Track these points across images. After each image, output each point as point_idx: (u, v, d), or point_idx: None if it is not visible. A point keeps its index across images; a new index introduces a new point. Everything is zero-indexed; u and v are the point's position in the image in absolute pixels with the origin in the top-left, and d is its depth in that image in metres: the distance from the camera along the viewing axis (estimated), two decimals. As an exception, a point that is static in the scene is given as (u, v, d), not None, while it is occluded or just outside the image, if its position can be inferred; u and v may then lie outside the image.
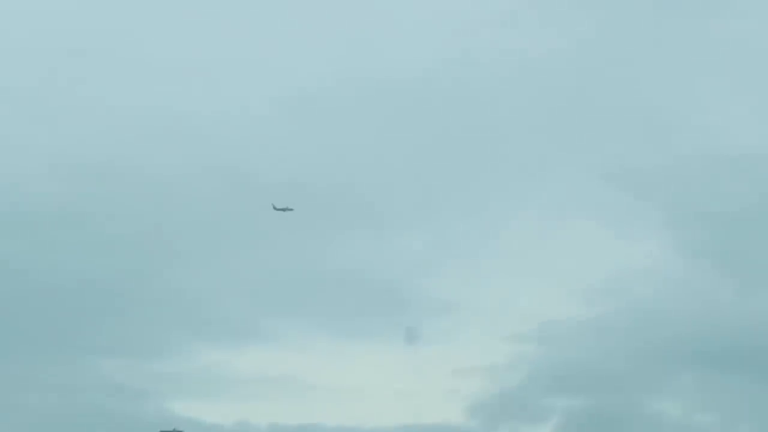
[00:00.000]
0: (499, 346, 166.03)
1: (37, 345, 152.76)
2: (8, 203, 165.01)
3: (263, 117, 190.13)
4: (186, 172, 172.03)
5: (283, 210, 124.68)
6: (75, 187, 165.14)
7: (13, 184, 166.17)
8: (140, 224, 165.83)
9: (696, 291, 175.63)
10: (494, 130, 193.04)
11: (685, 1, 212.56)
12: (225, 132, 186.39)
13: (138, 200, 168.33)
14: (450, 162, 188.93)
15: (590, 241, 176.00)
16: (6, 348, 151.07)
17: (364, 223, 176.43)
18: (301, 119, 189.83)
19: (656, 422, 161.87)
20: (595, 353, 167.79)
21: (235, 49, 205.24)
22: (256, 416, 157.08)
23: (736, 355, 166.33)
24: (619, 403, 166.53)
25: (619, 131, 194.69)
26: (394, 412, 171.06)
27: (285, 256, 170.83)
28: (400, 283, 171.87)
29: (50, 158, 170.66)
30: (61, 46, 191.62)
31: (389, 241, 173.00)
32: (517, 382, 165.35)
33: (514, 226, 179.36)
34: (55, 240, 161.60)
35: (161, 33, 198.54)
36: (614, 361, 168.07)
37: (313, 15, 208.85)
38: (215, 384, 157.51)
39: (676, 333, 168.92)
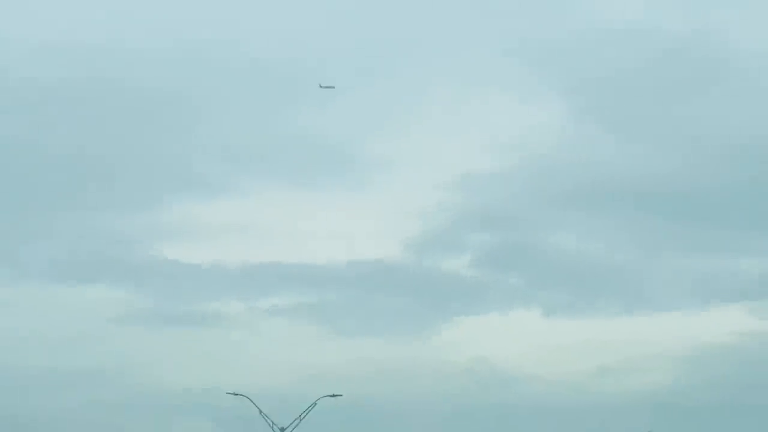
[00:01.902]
0: (428, 194, 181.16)
1: (45, 203, 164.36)
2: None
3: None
4: (159, 56, 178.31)
5: (327, 87, 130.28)
6: (69, 71, 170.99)
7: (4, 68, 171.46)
8: (125, 101, 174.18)
9: (584, 144, 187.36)
10: (413, 9, 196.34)
11: None
12: (199, 11, 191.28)
13: (124, 81, 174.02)
14: (379, 39, 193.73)
15: (498, 106, 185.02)
16: (19, 205, 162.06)
17: (312, 92, 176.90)
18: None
19: (553, 251, 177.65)
20: (504, 198, 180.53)
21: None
22: (227, 257, 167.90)
23: (616, 195, 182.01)
24: (523, 238, 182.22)
25: (519, 11, 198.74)
26: (342, 250, 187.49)
27: (249, 123, 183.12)
28: (343, 143, 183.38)
29: (39, 41, 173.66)
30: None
31: (333, 108, 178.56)
32: (442, 223, 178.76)
33: (434, 93, 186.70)
34: (56, 117, 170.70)
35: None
36: (519, 204, 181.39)
37: None
38: (193, 231, 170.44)
39: (569, 179, 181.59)
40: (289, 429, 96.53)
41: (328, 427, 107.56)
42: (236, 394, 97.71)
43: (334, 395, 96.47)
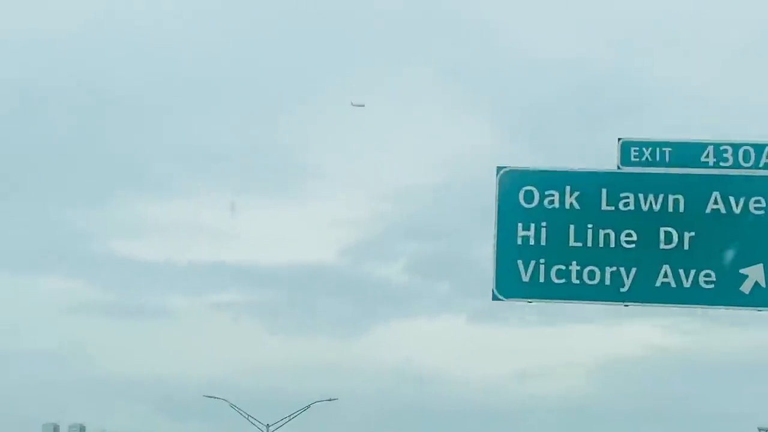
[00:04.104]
0: (364, 204, 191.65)
1: (7, 201, 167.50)
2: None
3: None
4: (123, 57, 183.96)
5: (358, 106, 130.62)
6: (28, 66, 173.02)
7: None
8: (84, 97, 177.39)
9: (512, 164, 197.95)
10: (353, 33, 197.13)
11: None
12: (166, 16, 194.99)
13: (85, 78, 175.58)
14: (324, 57, 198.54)
15: (433, 125, 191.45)
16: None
17: (258, 105, 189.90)
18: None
19: (477, 262, 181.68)
20: (436, 210, 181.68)
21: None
22: (176, 255, 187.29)
23: None
24: (452, 248, 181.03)
25: (454, 37, 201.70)
26: (284, 253, 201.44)
27: (203, 129, 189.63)
28: (288, 153, 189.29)
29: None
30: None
31: (281, 120, 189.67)
32: (377, 232, 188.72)
33: (373, 111, 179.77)
34: (15, 111, 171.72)
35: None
36: (449, 217, 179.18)
37: None
38: (146, 229, 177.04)
39: (495, 198, 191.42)
40: (276, 428, 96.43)
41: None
42: (214, 398, 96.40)
43: (330, 399, 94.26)
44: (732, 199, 25.07)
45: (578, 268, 26.66)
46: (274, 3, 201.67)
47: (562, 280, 27.25)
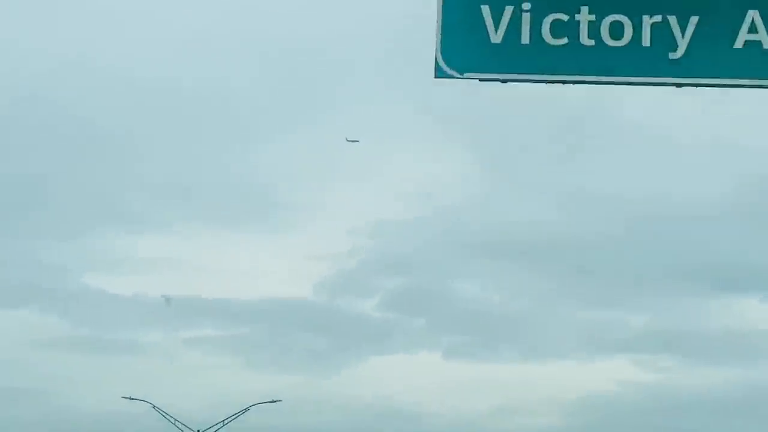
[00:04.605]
0: (340, 239, 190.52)
1: None
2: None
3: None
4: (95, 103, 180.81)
5: (352, 141, 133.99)
6: (6, 96, 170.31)
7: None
8: (61, 130, 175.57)
9: (488, 199, 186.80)
10: (329, 66, 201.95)
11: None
12: (144, 50, 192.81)
13: (63, 111, 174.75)
14: (302, 94, 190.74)
15: (410, 160, 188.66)
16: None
17: (237, 138, 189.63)
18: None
19: (455, 298, 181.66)
20: (412, 245, 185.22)
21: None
22: (150, 289, 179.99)
23: (518, 248, 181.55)
24: (429, 283, 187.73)
25: (430, 72, 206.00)
26: (259, 288, 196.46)
27: (180, 164, 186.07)
28: (264, 187, 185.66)
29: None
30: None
31: (258, 156, 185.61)
32: (353, 266, 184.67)
33: (351, 146, 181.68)
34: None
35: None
36: (426, 252, 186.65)
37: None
38: (119, 263, 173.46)
39: (473, 231, 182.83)
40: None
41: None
42: (133, 399, 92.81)
43: (273, 401, 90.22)
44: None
45: (592, 18, 14.04)
46: (250, 37, 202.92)
47: (563, 40, 14.12)
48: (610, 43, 15.17)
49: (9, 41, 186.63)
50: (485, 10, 14.50)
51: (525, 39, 14.63)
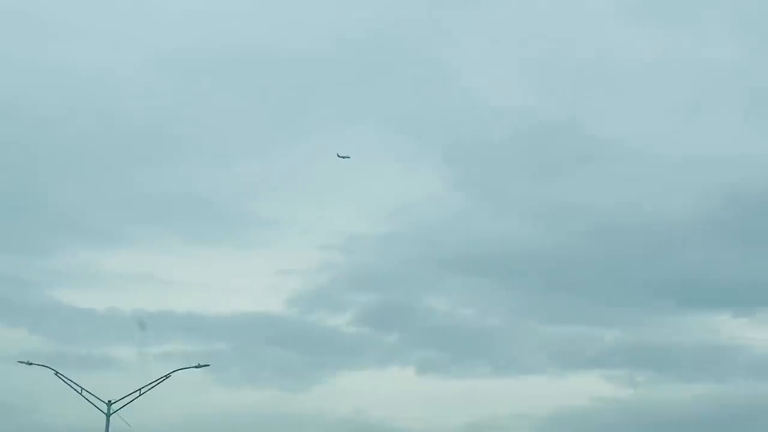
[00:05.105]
0: (312, 254, 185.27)
1: None
2: None
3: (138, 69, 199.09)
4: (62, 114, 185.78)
5: (343, 158, 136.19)
6: None
7: None
8: (26, 146, 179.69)
9: (461, 215, 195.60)
10: (307, 86, 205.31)
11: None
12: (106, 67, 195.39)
13: (22, 129, 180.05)
14: (275, 110, 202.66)
15: (385, 175, 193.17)
16: None
17: (205, 155, 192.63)
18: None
19: (428, 314, 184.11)
20: (386, 261, 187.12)
21: None
22: (121, 304, 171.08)
23: (490, 263, 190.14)
24: (402, 299, 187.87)
25: (403, 87, 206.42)
26: (230, 302, 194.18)
27: (151, 181, 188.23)
28: (236, 203, 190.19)
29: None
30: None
31: (224, 170, 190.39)
32: (326, 282, 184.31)
33: (324, 162, 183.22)
34: None
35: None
36: (399, 268, 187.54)
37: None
38: (89, 278, 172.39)
39: (445, 246, 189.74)
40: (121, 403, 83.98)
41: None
42: (31, 363, 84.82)
43: (199, 365, 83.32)
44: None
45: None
46: (222, 55, 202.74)
47: None
48: None
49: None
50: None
51: None
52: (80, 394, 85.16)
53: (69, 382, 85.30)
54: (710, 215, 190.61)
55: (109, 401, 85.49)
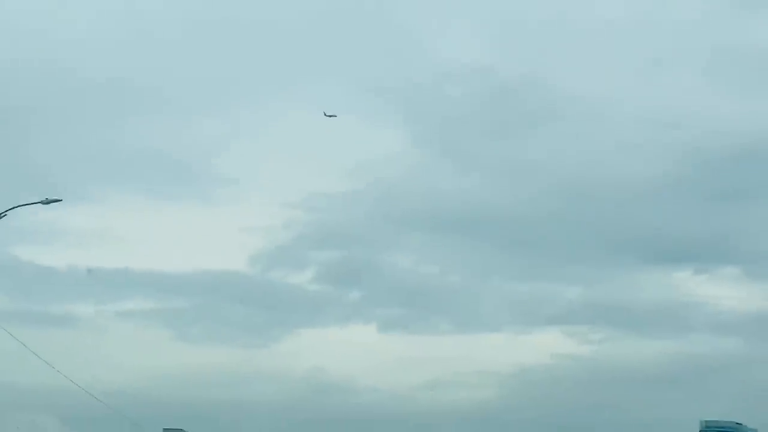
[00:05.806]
0: (275, 211, 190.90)
1: None
2: None
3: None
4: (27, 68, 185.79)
5: (330, 116, 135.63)
6: None
7: None
8: None
9: (424, 173, 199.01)
10: (270, 48, 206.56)
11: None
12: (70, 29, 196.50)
13: None
14: (241, 65, 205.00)
15: (347, 134, 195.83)
16: None
17: (168, 111, 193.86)
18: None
19: (391, 271, 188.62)
20: (348, 218, 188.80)
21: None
22: (81, 261, 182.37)
23: (452, 221, 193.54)
24: (364, 256, 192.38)
25: (371, 49, 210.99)
26: (192, 259, 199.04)
27: (110, 138, 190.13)
28: (198, 160, 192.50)
29: None
30: None
31: (187, 126, 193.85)
32: (288, 239, 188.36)
33: (290, 120, 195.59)
34: None
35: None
36: (362, 225, 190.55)
37: None
38: (50, 235, 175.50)
39: (408, 204, 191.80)
40: None
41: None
42: None
43: (48, 201, 75.12)
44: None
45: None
46: (190, 12, 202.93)
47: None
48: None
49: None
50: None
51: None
52: None
53: None
54: (671, 172, 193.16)
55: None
